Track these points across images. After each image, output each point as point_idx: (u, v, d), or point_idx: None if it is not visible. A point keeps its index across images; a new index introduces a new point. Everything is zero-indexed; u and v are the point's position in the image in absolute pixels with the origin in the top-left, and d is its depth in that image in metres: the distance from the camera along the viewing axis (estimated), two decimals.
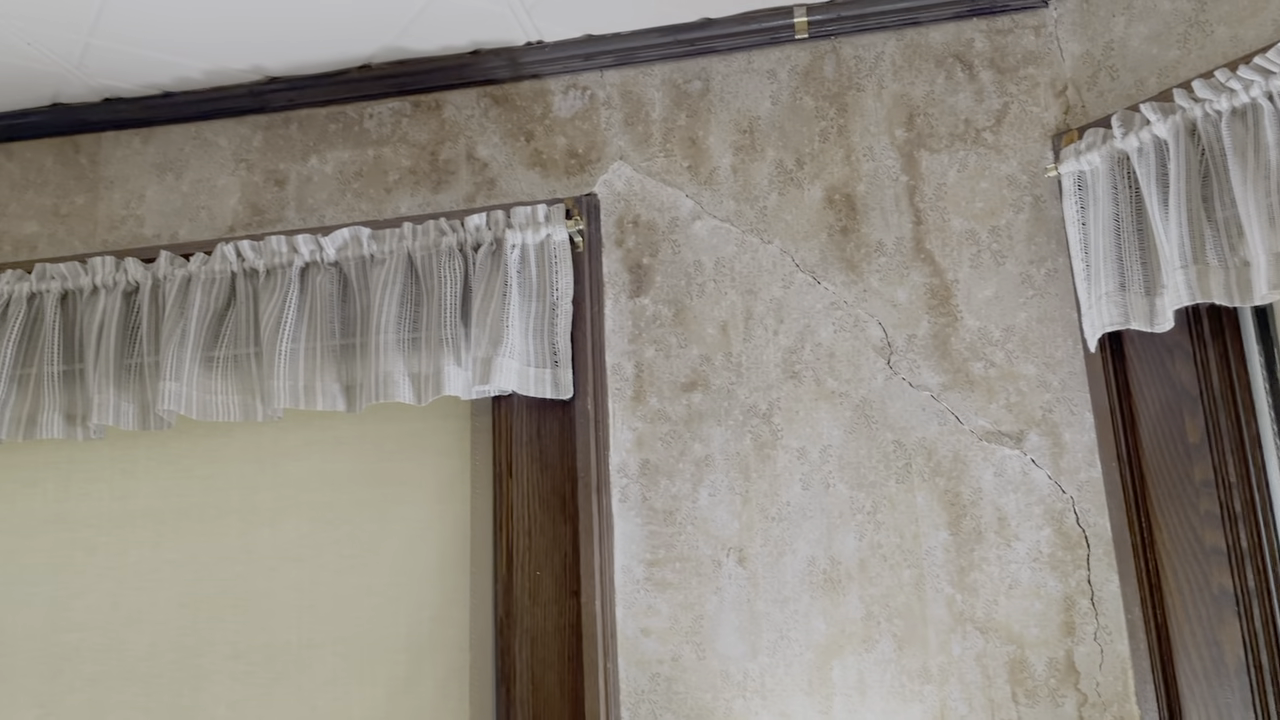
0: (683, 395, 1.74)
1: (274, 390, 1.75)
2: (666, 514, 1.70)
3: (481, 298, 1.74)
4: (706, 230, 1.79)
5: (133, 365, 1.84)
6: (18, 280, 1.89)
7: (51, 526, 1.92)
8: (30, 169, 2.04)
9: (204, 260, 1.85)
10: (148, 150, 2.02)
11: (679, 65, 1.87)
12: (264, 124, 1.99)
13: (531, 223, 1.77)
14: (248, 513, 1.88)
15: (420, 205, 1.91)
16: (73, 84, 1.96)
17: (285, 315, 1.79)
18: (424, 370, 1.75)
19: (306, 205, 1.95)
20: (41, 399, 1.83)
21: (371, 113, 1.97)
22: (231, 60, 1.91)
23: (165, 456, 1.93)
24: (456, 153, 1.92)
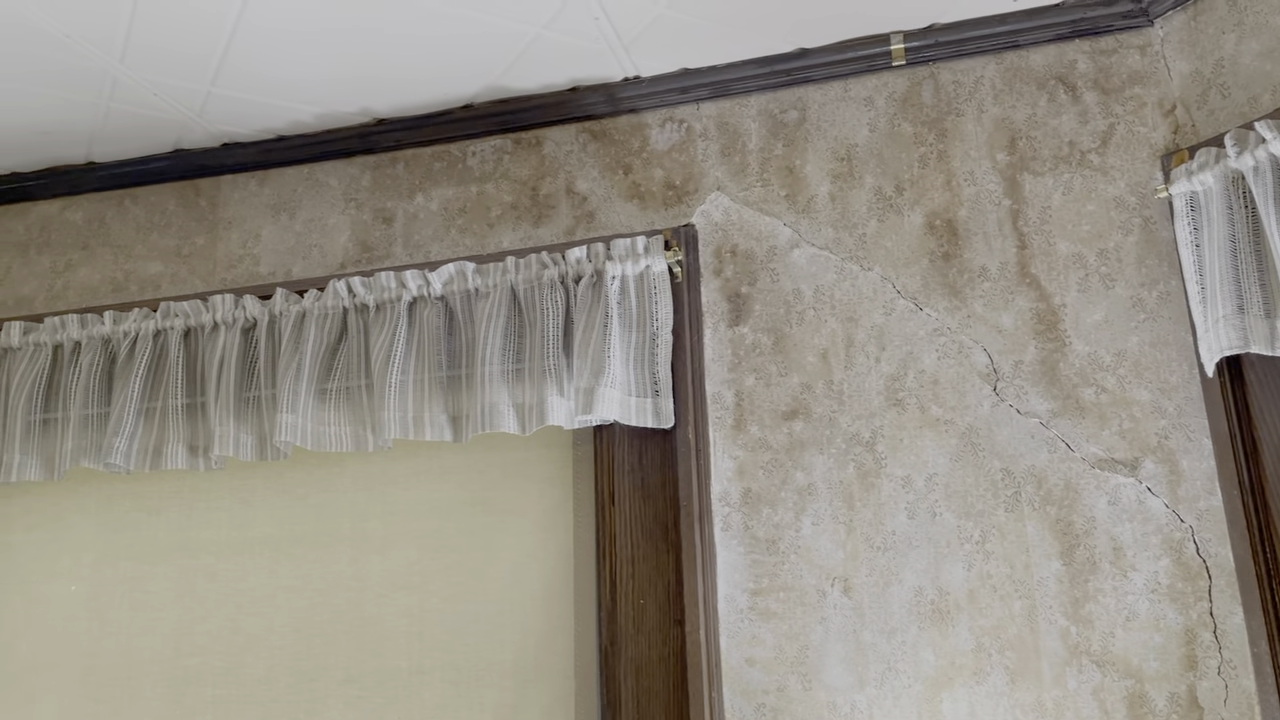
0: (784, 424, 1.74)
1: (384, 421, 1.81)
2: (769, 543, 1.70)
3: (583, 329, 1.77)
4: (805, 258, 1.80)
5: (251, 398, 1.92)
6: (144, 318, 1.98)
7: (175, 554, 2.01)
8: (154, 212, 2.15)
9: (317, 296, 1.92)
10: (263, 192, 2.11)
11: (775, 95, 1.89)
12: (372, 164, 2.07)
13: (631, 254, 1.80)
14: (359, 540, 1.94)
15: (522, 239, 1.96)
16: (194, 131, 2.06)
17: (395, 348, 1.84)
18: (528, 401, 1.78)
19: (413, 241, 2.01)
20: (166, 431, 1.92)
21: (474, 150, 2.03)
22: (342, 104, 1.99)
23: (281, 486, 2.00)
24: (556, 187, 1.97)
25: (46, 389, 2.00)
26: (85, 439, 1.94)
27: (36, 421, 1.98)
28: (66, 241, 2.17)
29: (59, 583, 2.04)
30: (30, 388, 1.99)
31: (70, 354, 2.00)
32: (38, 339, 2.01)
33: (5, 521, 2.10)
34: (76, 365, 1.99)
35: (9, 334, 2.02)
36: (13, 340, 2.02)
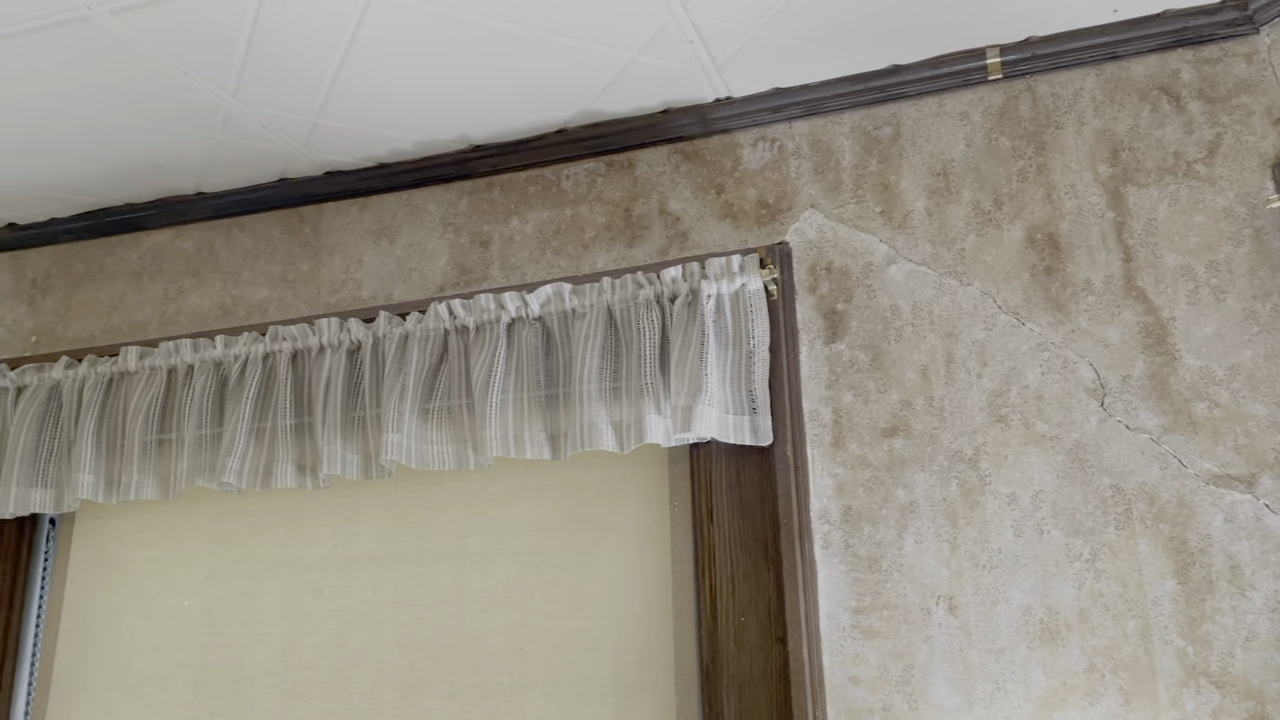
0: (883, 441, 1.73)
1: (486, 440, 1.84)
2: (871, 561, 1.69)
3: (679, 347, 1.79)
4: (902, 274, 1.79)
5: (356, 418, 1.97)
6: (253, 342, 2.06)
7: (282, 570, 2.07)
8: (260, 239, 2.23)
9: (419, 319, 1.97)
10: (364, 218, 2.18)
11: (868, 112, 1.89)
12: (469, 189, 2.12)
13: (726, 273, 1.81)
14: (460, 557, 1.98)
15: (616, 260, 1.98)
16: (299, 160, 2.13)
17: (495, 368, 1.88)
18: (626, 419, 1.80)
19: (509, 264, 2.05)
20: (276, 451, 1.98)
21: (568, 174, 2.06)
22: (440, 131, 2.04)
23: (383, 503, 2.05)
24: (649, 208, 1.99)
25: (162, 411, 2.08)
26: (199, 459, 2.01)
27: (152, 442, 2.06)
28: (178, 269, 2.27)
29: (173, 598, 2.11)
30: (147, 410, 2.07)
31: (184, 377, 2.08)
32: (153, 363, 2.10)
33: (122, 539, 2.19)
34: (190, 388, 2.07)
35: (126, 358, 2.11)
36: (129, 364, 2.11)
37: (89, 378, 2.13)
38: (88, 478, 2.05)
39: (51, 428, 2.14)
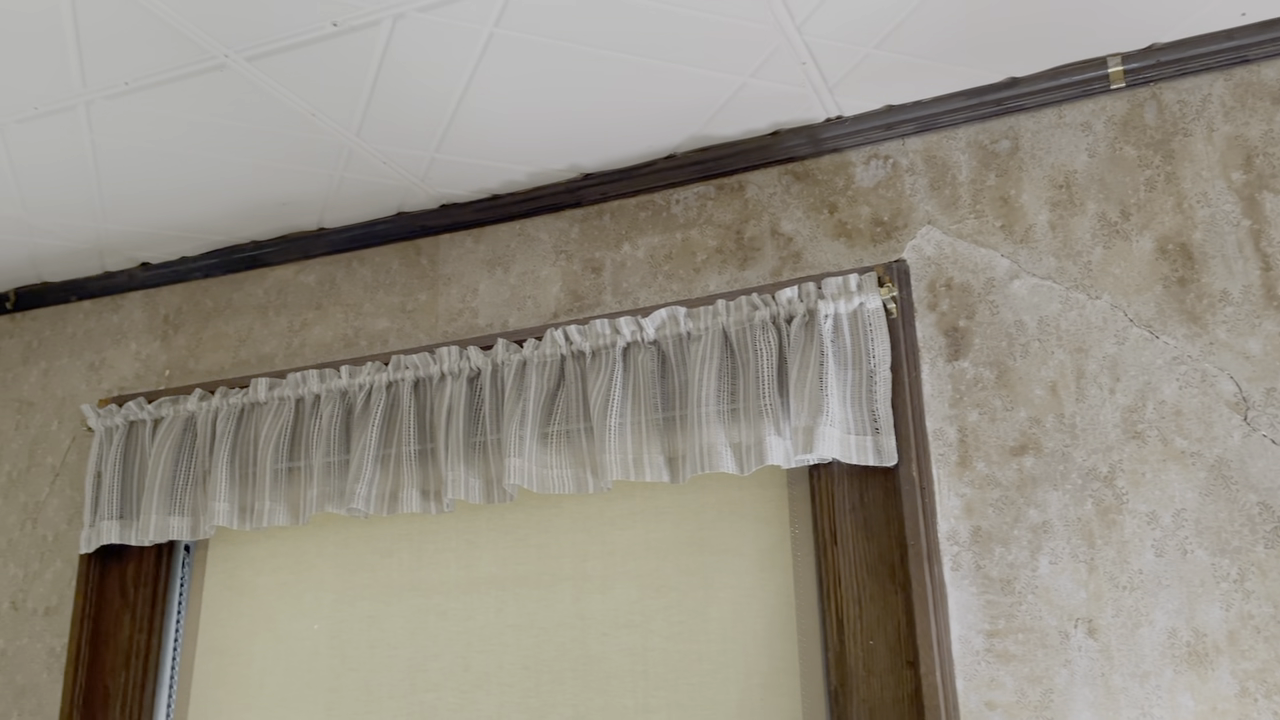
0: (1012, 459, 1.70)
1: (605, 464, 1.86)
2: (1004, 583, 1.65)
3: (798, 368, 1.78)
4: (1026, 289, 1.76)
5: (477, 443, 2.01)
6: (377, 371, 2.12)
7: (408, 593, 2.11)
8: (380, 271, 2.30)
9: (535, 345, 2.00)
10: (479, 248, 2.23)
11: (984, 126, 1.87)
12: (580, 217, 2.16)
13: (843, 292, 1.80)
14: (580, 580, 2.00)
15: (729, 282, 1.99)
16: (416, 194, 2.20)
17: (612, 392, 1.90)
18: (745, 441, 1.80)
19: (622, 289, 2.07)
20: (401, 477, 2.03)
21: (678, 198, 2.08)
22: (551, 162, 2.08)
23: (503, 527, 2.09)
24: (761, 230, 2.00)
25: (291, 439, 2.16)
26: (328, 485, 2.07)
27: (283, 470, 2.14)
28: (301, 302, 2.35)
29: (303, 621, 2.18)
30: (277, 439, 2.15)
31: (311, 406, 2.15)
32: (282, 393, 2.18)
33: (253, 564, 2.26)
34: (317, 416, 2.13)
35: (256, 390, 2.20)
36: (259, 395, 2.19)
37: (221, 409, 2.21)
38: (223, 505, 2.13)
39: (187, 458, 2.23)
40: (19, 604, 2.38)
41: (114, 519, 2.22)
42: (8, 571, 2.41)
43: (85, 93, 1.79)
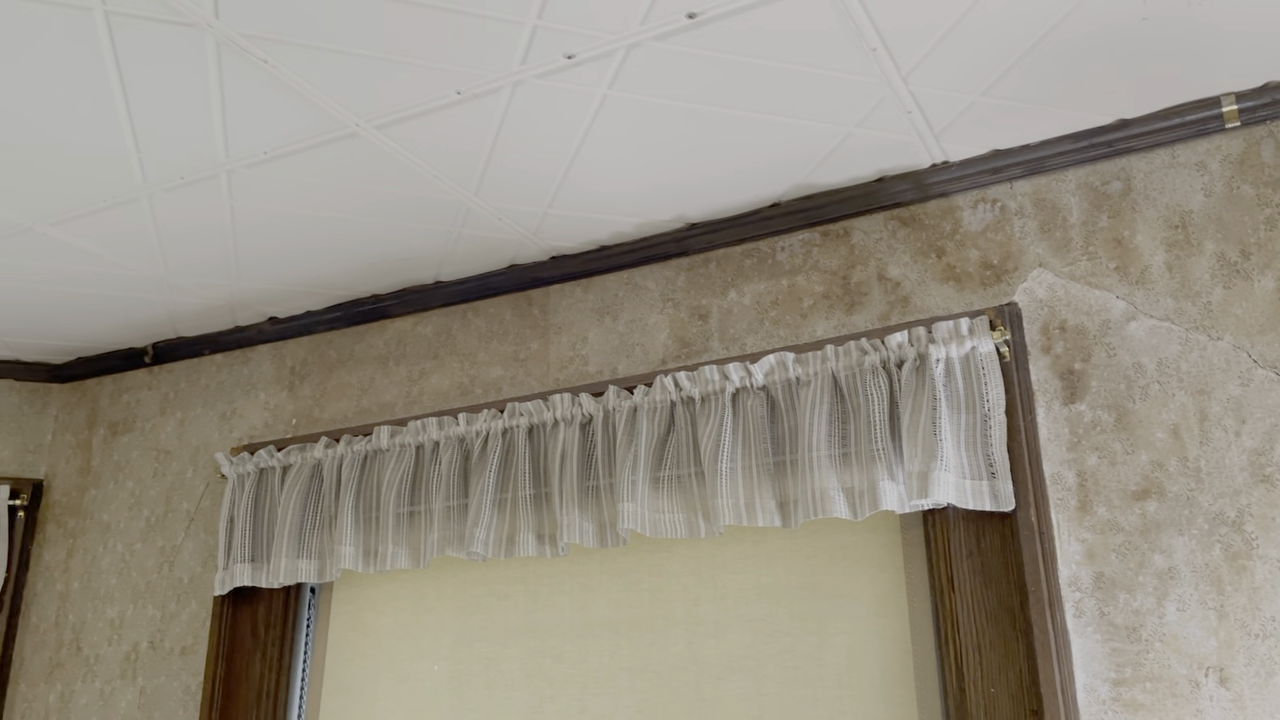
0: (1134, 504, 1.67)
1: (718, 508, 1.89)
2: (1129, 630, 1.62)
3: (910, 412, 1.79)
4: (1144, 330, 1.74)
5: (590, 487, 2.06)
6: (493, 418, 2.19)
7: (524, 635, 2.17)
8: (493, 322, 2.39)
9: (645, 391, 2.05)
10: (588, 298, 2.30)
11: (1094, 168, 1.86)
12: (686, 265, 2.21)
13: (954, 336, 1.81)
14: (693, 624, 2.02)
15: (836, 327, 2.01)
16: (528, 247, 2.28)
17: (722, 437, 1.94)
18: (857, 485, 1.81)
19: (728, 335, 2.11)
20: (518, 521, 2.10)
21: (783, 245, 2.12)
22: (658, 213, 2.14)
23: (616, 570, 2.13)
24: (867, 275, 2.02)
25: (412, 484, 2.24)
26: (448, 529, 2.15)
27: (404, 514, 2.22)
28: (419, 352, 2.45)
29: (423, 662, 2.25)
30: (399, 484, 2.24)
31: (431, 453, 2.24)
32: (403, 440, 2.27)
33: (375, 606, 2.35)
34: (437, 462, 2.22)
35: (379, 437, 2.29)
36: (382, 443, 2.29)
37: (346, 456, 2.32)
38: (349, 549, 2.22)
39: (314, 503, 2.33)
40: (157, 644, 2.50)
41: (246, 562, 2.34)
42: (146, 612, 2.54)
43: (228, 162, 1.92)
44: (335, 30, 1.56)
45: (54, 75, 1.66)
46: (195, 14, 1.52)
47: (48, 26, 1.54)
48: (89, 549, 2.68)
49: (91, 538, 2.69)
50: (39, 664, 2.63)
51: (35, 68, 1.64)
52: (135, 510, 2.65)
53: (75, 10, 1.51)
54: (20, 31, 1.55)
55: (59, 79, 1.66)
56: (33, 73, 1.65)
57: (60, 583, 2.69)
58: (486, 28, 1.57)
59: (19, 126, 1.79)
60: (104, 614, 2.59)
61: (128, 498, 2.68)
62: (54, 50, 1.60)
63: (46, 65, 1.63)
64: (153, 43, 1.58)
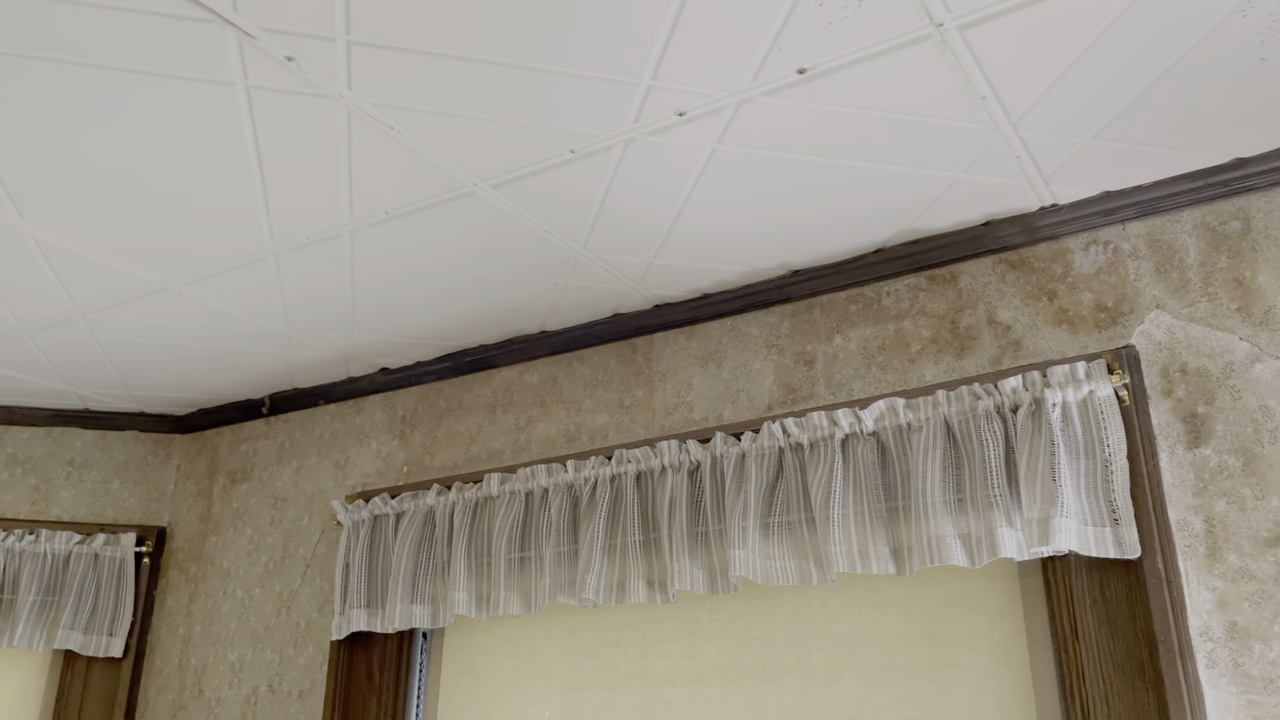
0: (1267, 551, 1.62)
1: (831, 555, 1.89)
2: (1267, 682, 1.57)
3: (1027, 458, 1.77)
4: (1270, 373, 1.70)
5: (699, 534, 2.08)
6: (600, 465, 2.23)
7: (634, 682, 2.18)
8: (598, 370, 2.43)
9: (753, 438, 2.07)
10: (692, 345, 2.33)
11: (1211, 208, 1.83)
12: (789, 312, 2.23)
13: (1071, 380, 1.79)
14: (805, 672, 2.01)
15: (945, 372, 2.01)
16: (632, 297, 2.33)
17: (833, 484, 1.94)
18: (974, 532, 1.80)
19: (835, 381, 2.12)
20: (628, 567, 2.12)
21: (888, 290, 2.12)
22: (761, 261, 2.17)
23: (725, 618, 2.13)
24: (976, 319, 2.01)
25: (522, 531, 2.28)
26: (559, 575, 2.18)
27: (515, 560, 2.26)
28: (526, 401, 2.50)
29: (535, 708, 2.27)
30: (509, 530, 2.28)
31: (540, 499, 2.28)
32: (512, 487, 2.32)
33: (485, 651, 2.39)
34: (546, 508, 2.26)
35: (489, 484, 2.35)
36: (492, 490, 2.34)
37: (458, 502, 2.37)
38: (462, 595, 2.27)
39: (427, 549, 2.39)
40: (275, 687, 2.58)
41: (362, 607, 2.40)
42: (265, 656, 2.63)
43: (351, 222, 2.01)
44: (457, 96, 1.63)
45: (195, 145, 1.76)
46: (329, 86, 1.61)
47: (192, 101, 1.65)
48: (210, 594, 2.78)
49: (212, 583, 2.79)
50: (163, 706, 2.73)
51: (179, 138, 1.74)
52: (254, 556, 2.75)
53: (219, 86, 1.61)
54: (166, 105, 1.66)
55: (200, 148, 1.77)
56: (176, 143, 1.76)
57: (183, 627, 2.79)
58: (602, 90, 1.62)
59: (160, 192, 1.90)
60: (225, 657, 2.68)
61: (246, 544, 2.78)
62: (197, 123, 1.70)
63: (189, 136, 1.74)
64: (288, 114, 1.67)
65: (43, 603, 2.72)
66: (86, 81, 1.59)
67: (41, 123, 1.69)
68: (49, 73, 1.57)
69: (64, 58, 1.54)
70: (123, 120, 1.68)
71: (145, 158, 1.79)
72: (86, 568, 2.76)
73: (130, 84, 1.60)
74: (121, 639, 2.75)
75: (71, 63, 1.55)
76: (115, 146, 1.76)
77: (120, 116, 1.67)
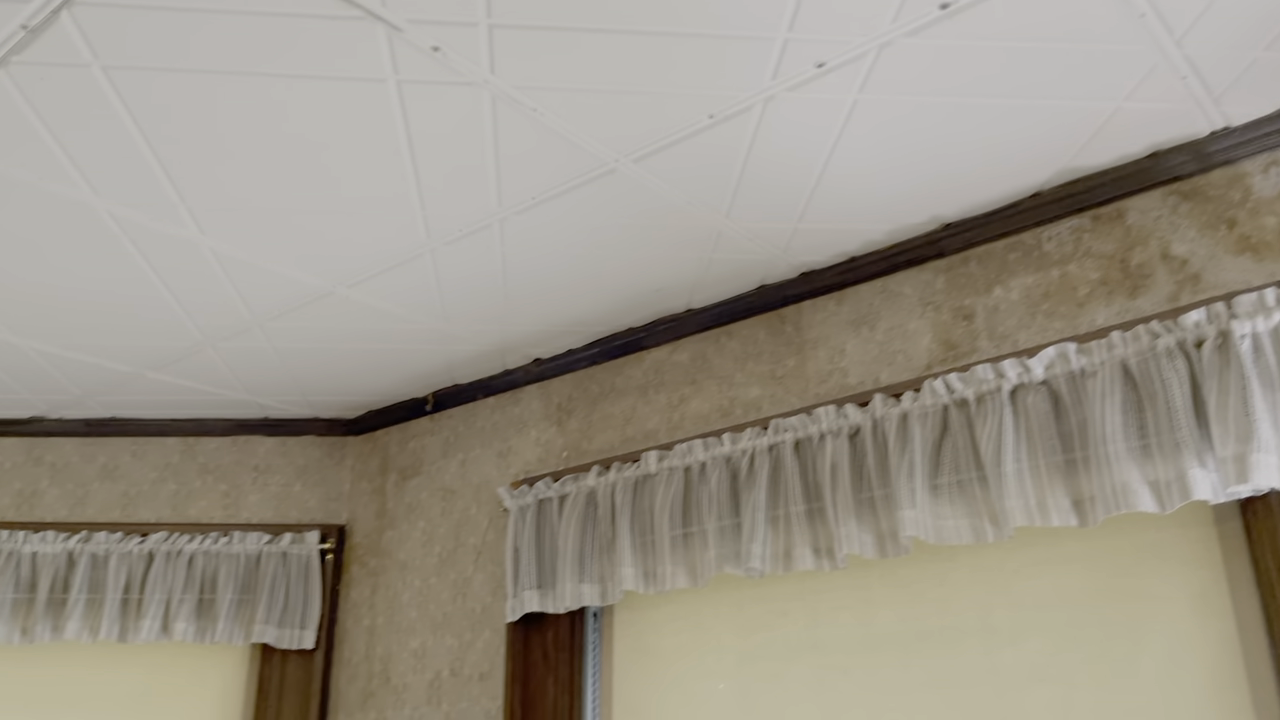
0: None
1: (1007, 511, 1.82)
2: None
3: (1216, 395, 1.67)
4: None
5: (865, 499, 2.04)
6: (757, 436, 2.22)
7: (807, 652, 2.15)
8: (748, 343, 2.42)
9: (914, 397, 2.01)
10: (842, 310, 2.29)
11: None
12: (944, 267, 2.16)
13: (1260, 309, 1.67)
14: (986, 634, 1.94)
15: (1118, 314, 1.91)
16: (777, 266, 2.31)
17: (1004, 438, 1.87)
18: (1162, 477, 1.70)
19: (998, 333, 2.05)
20: (792, 536, 2.10)
21: (1049, 235, 2.04)
22: (910, 216, 2.11)
23: (898, 582, 2.08)
24: (1149, 255, 1.90)
25: (683, 506, 2.30)
26: (724, 547, 2.18)
27: (679, 536, 2.27)
28: (677, 379, 2.52)
29: (707, 680, 2.28)
30: (670, 506, 2.29)
31: (699, 474, 2.29)
32: (670, 464, 2.33)
33: (656, 628, 2.41)
34: (706, 483, 2.26)
35: (647, 462, 2.37)
36: (651, 467, 2.36)
37: (618, 482, 2.41)
38: (629, 571, 2.30)
39: (592, 529, 2.43)
40: (456, 671, 2.67)
41: (533, 589, 2.46)
42: (445, 642, 2.72)
43: (500, 211, 2.06)
44: (595, 70, 1.66)
45: (353, 145, 1.85)
46: (474, 73, 1.66)
47: (347, 100, 1.73)
48: (390, 586, 2.90)
49: (391, 575, 2.91)
50: (354, 694, 2.87)
51: (337, 140, 1.83)
52: (428, 547, 2.86)
53: (371, 83, 1.68)
54: (321, 109, 1.75)
55: (357, 148, 1.86)
56: (335, 145, 1.85)
57: (367, 619, 2.93)
58: (736, 48, 1.62)
59: (322, 196, 2.01)
60: (408, 645, 2.79)
61: (420, 536, 2.89)
62: (353, 123, 1.78)
63: (346, 137, 1.82)
64: (437, 105, 1.74)
65: (239, 600, 2.89)
66: (246, 89, 1.69)
67: (211, 135, 1.81)
68: (214, 85, 1.68)
69: (225, 68, 1.64)
70: (287, 125, 1.78)
71: (306, 162, 1.89)
72: (276, 566, 2.93)
73: (288, 90, 1.69)
74: (312, 631, 2.90)
75: (230, 72, 1.65)
76: (278, 152, 1.86)
77: (284, 121, 1.77)
